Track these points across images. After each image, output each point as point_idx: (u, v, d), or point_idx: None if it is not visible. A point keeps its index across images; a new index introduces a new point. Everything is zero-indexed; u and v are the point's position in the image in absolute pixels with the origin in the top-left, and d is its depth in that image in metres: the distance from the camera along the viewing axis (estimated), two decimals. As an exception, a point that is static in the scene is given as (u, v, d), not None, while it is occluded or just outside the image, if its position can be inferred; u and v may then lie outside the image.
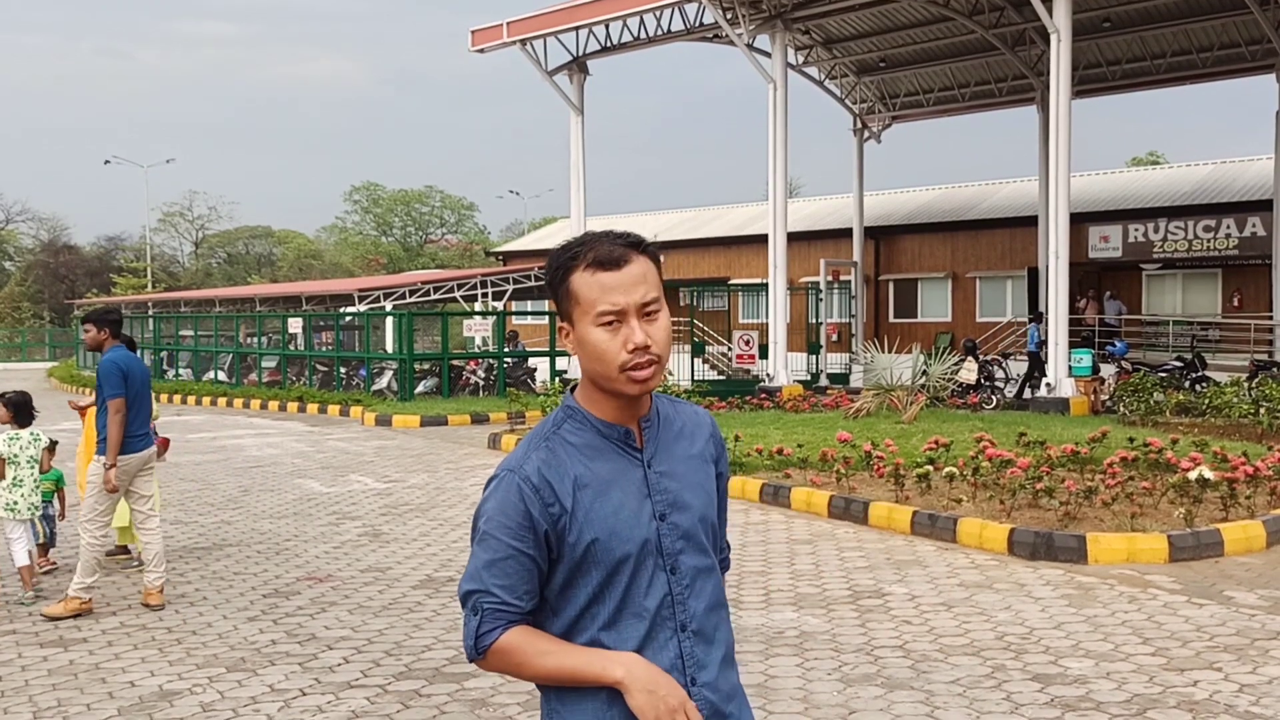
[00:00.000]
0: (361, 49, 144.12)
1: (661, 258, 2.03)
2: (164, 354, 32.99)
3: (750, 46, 21.95)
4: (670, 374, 21.50)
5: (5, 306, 65.64)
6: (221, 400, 25.60)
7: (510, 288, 31.38)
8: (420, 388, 23.42)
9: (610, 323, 1.91)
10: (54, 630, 6.59)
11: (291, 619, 6.79)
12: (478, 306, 30.77)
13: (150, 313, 39.42)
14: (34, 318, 65.74)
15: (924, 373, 16.67)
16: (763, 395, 20.44)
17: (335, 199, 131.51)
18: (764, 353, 22.29)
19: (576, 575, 1.94)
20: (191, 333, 33.56)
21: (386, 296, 30.20)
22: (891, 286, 31.69)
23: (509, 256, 43.34)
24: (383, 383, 23.65)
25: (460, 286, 31.23)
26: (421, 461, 14.53)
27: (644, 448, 2.00)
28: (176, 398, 26.84)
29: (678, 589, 1.98)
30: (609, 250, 1.93)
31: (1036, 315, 23.47)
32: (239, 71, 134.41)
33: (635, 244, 1.96)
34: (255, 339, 30.44)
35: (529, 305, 35.49)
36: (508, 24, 23.85)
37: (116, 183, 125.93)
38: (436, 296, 31.38)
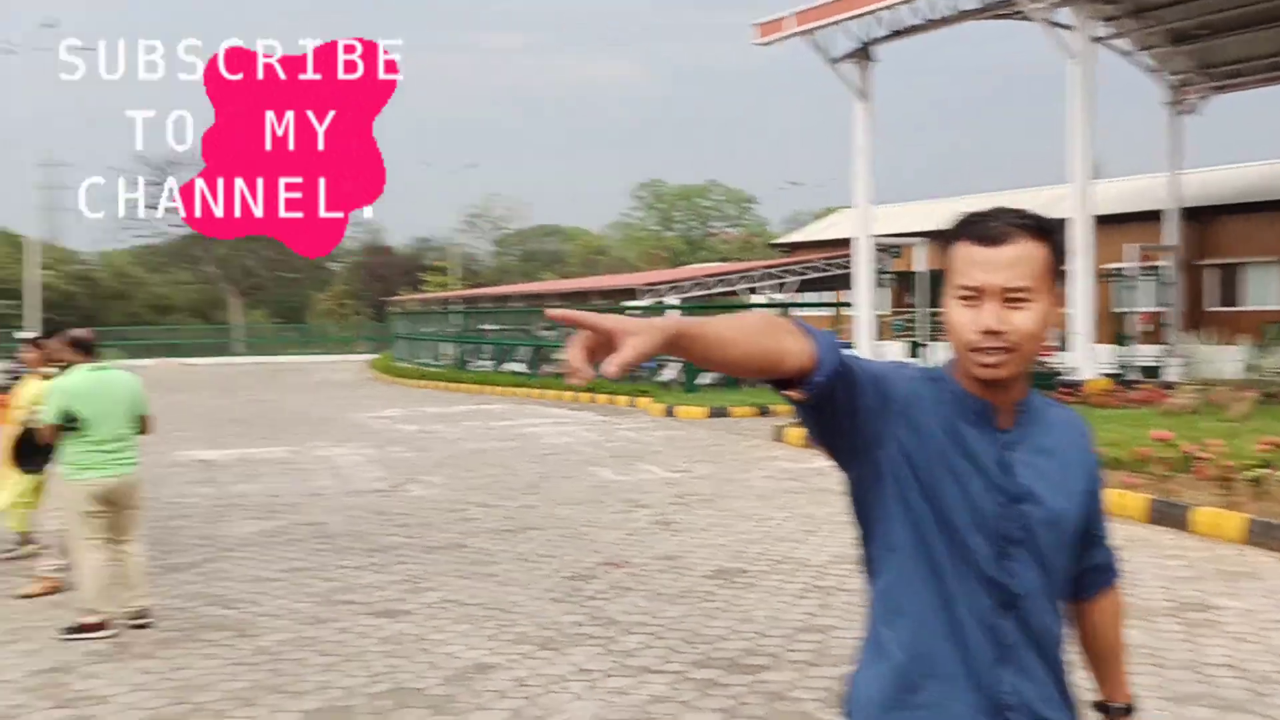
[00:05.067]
0: (640, 49, 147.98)
1: (1065, 247, 1.91)
2: (468, 346, 35.28)
3: (1049, 21, 20.71)
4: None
5: (333, 303, 72.25)
6: (520, 390, 27.03)
7: (796, 280, 31.29)
8: (703, 379, 23.76)
9: (968, 298, 1.86)
10: (383, 603, 7.15)
11: (592, 602, 7.05)
12: (761, 299, 30.87)
13: (451, 308, 42.31)
14: (355, 314, 71.98)
15: (1254, 366, 15.15)
16: (1064, 389, 19.28)
17: (622, 196, 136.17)
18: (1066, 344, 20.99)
19: (880, 495, 1.92)
20: (492, 326, 35.65)
21: (671, 290, 30.91)
22: (1209, 273, 29.06)
23: (794, 247, 43.18)
24: (668, 374, 24.19)
25: (744, 278, 31.46)
26: (707, 453, 14.72)
27: (1006, 429, 1.93)
28: (477, 388, 28.60)
29: (1002, 574, 1.89)
30: (990, 226, 1.86)
31: None
32: (531, 78, 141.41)
33: (1026, 225, 1.86)
34: (549, 332, 31.94)
35: (812, 296, 35.18)
36: (795, 15, 23.69)
37: (425, 188, 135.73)
38: (718, 290, 31.81)
